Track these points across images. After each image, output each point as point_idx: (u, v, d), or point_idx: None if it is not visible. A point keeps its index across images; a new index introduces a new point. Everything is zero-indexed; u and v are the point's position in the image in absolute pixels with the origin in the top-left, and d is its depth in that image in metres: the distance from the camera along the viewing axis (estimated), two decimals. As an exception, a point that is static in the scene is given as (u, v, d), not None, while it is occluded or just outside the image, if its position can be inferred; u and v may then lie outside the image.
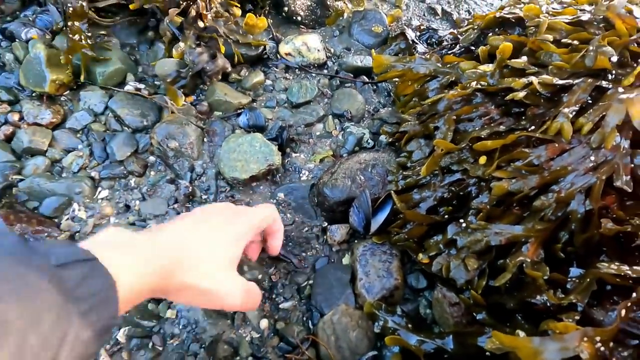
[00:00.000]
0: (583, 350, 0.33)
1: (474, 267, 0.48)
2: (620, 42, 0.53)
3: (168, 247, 0.36)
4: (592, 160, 0.47)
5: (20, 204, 0.58)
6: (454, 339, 0.46)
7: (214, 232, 0.40)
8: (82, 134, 0.67)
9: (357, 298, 0.53)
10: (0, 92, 0.69)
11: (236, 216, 0.43)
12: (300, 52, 0.78)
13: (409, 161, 0.60)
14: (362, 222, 0.55)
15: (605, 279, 0.41)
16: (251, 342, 0.51)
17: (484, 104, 0.57)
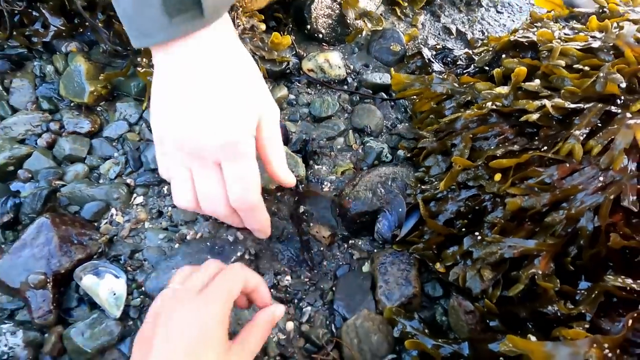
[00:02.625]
0: (593, 356, 0.36)
1: (489, 277, 0.51)
2: (629, 69, 0.56)
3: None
4: (600, 181, 0.51)
5: (62, 208, 0.63)
6: (469, 345, 0.49)
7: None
8: (118, 142, 0.71)
9: (377, 304, 0.57)
10: (42, 102, 0.74)
11: (200, 310, 0.40)
12: (322, 68, 0.82)
13: (426, 176, 0.64)
14: (392, 227, 0.59)
15: (611, 291, 0.45)
16: (278, 343, 0.54)
17: (499, 124, 0.61)
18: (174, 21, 0.43)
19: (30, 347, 0.51)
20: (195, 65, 0.47)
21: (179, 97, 0.48)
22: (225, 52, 0.49)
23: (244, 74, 0.51)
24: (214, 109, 0.47)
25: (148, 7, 0.43)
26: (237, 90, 0.49)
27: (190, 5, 0.43)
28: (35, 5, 0.76)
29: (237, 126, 0.48)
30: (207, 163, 0.50)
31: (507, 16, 1.02)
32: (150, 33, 0.45)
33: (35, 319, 0.52)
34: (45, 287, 0.53)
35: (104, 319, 0.53)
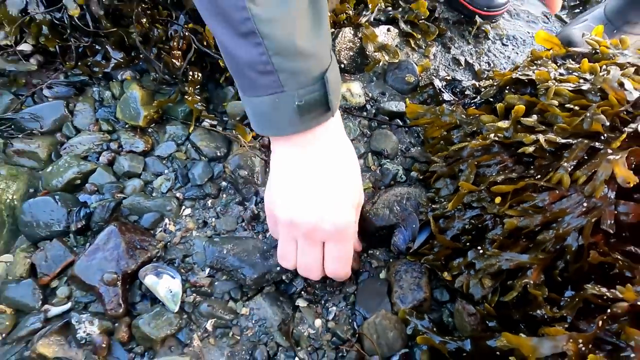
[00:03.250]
0: (569, 349, 0.46)
1: (489, 285, 0.61)
2: (611, 111, 0.66)
3: None
4: (584, 206, 0.60)
5: (124, 217, 0.73)
6: (471, 341, 0.59)
7: None
8: (168, 161, 0.82)
9: (392, 306, 0.66)
10: (102, 124, 0.85)
11: None
12: (345, 97, 0.93)
13: (437, 196, 0.74)
14: (406, 240, 0.68)
15: (590, 299, 0.54)
16: (309, 337, 0.64)
17: (500, 154, 0.71)
18: (302, 118, 0.51)
19: (104, 334, 0.62)
20: (313, 155, 0.55)
21: (296, 182, 0.55)
22: (336, 144, 0.57)
23: (351, 164, 0.59)
24: (327, 196, 0.55)
25: (284, 109, 0.51)
26: (345, 179, 0.57)
27: (319, 106, 0.52)
28: (98, 40, 0.87)
29: (346, 214, 0.56)
30: (314, 242, 0.58)
31: (512, 49, 1.12)
32: (279, 127, 0.53)
33: (107, 311, 0.63)
34: (115, 284, 0.63)
35: (165, 312, 0.63)
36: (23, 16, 0.84)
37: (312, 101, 0.51)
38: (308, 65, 0.50)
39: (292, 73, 0.49)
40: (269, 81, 0.49)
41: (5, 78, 0.87)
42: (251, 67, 0.49)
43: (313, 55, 0.50)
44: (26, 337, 0.62)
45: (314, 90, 0.51)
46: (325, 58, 0.52)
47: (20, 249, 0.70)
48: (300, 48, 0.48)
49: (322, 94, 0.51)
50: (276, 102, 0.50)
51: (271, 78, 0.49)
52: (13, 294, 0.65)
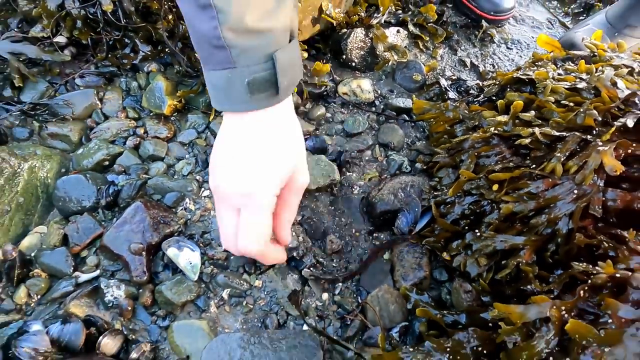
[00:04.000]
0: (552, 314, 0.51)
1: (484, 264, 0.66)
2: (603, 107, 0.71)
3: None
4: (575, 193, 0.65)
5: (148, 196, 0.79)
6: (466, 315, 0.64)
7: None
8: (189, 146, 0.88)
9: (395, 283, 0.72)
10: (129, 111, 0.92)
11: None
12: (355, 92, 0.98)
13: (439, 185, 0.79)
14: (409, 223, 0.74)
15: (576, 276, 0.59)
16: (316, 308, 0.69)
17: (499, 145, 0.76)
18: (253, 97, 0.52)
19: (130, 299, 0.68)
20: (252, 130, 0.55)
21: (227, 152, 0.56)
22: (279, 124, 0.56)
23: (287, 143, 0.57)
24: (248, 165, 0.54)
25: (235, 85, 0.51)
26: (275, 155, 0.55)
27: (269, 87, 0.52)
28: (127, 34, 0.94)
29: (262, 182, 0.54)
30: (229, 208, 0.56)
31: (516, 52, 1.17)
32: (232, 103, 0.53)
33: (133, 278, 0.68)
34: (141, 254, 0.69)
35: (185, 280, 0.69)
36: (60, 11, 0.91)
37: (261, 80, 0.51)
38: (259, 43, 0.50)
39: (242, 50, 0.50)
40: (222, 56, 0.50)
41: (41, 67, 0.94)
42: (207, 41, 0.50)
43: (265, 34, 0.50)
44: (59, 299, 0.68)
45: (264, 69, 0.51)
46: (280, 39, 0.52)
47: (53, 222, 0.76)
48: (251, 25, 0.48)
49: (272, 74, 0.52)
50: (229, 77, 0.51)
51: (224, 53, 0.50)
52: (48, 260, 0.71)
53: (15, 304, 0.67)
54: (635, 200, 0.62)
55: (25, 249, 0.72)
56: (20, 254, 0.70)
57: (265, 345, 0.61)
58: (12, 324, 0.64)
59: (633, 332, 0.46)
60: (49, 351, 0.57)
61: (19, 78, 0.90)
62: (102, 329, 0.64)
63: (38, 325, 0.61)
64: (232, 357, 0.60)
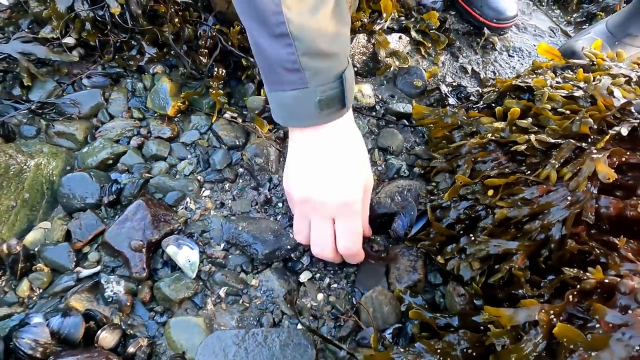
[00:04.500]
0: (541, 318, 0.51)
1: (477, 267, 0.66)
2: (599, 115, 0.71)
3: None
4: (568, 199, 0.66)
5: (150, 195, 0.81)
6: (459, 318, 0.64)
7: None
8: (191, 147, 0.90)
9: (389, 286, 0.72)
10: (134, 112, 0.94)
11: None
12: (356, 97, 1.00)
13: (435, 189, 0.80)
14: (405, 226, 0.75)
15: (567, 281, 0.59)
16: (311, 308, 0.70)
17: (495, 151, 0.77)
18: (322, 112, 0.59)
19: (129, 294, 0.69)
20: (327, 143, 0.62)
21: (310, 165, 0.62)
22: (348, 135, 0.64)
23: (358, 151, 0.66)
24: (337, 176, 0.62)
25: (306, 103, 0.58)
26: (354, 164, 0.64)
27: (336, 102, 0.59)
28: (134, 36, 0.96)
29: (353, 191, 0.62)
30: (324, 218, 0.64)
31: (517, 60, 1.18)
32: (300, 119, 0.60)
33: (133, 274, 0.70)
34: (141, 251, 0.71)
35: (183, 278, 0.70)
36: (69, 13, 0.94)
37: (330, 97, 0.58)
38: (329, 65, 0.57)
39: (315, 71, 0.56)
40: (295, 78, 0.56)
41: (50, 67, 0.96)
42: (280, 65, 0.56)
43: (334, 56, 0.57)
44: (60, 293, 0.69)
45: (333, 88, 0.58)
46: (344, 59, 0.60)
47: (57, 218, 0.78)
48: (324, 50, 0.56)
49: (340, 91, 0.59)
50: (299, 96, 0.58)
51: (297, 75, 0.56)
52: (50, 255, 0.72)
53: (18, 297, 0.69)
54: (628, 207, 0.63)
55: (29, 243, 0.74)
56: (24, 248, 0.72)
57: (259, 343, 0.63)
58: (14, 316, 0.66)
59: (619, 337, 0.46)
60: (48, 343, 0.59)
61: (28, 77, 0.92)
62: (101, 323, 0.65)
63: (39, 317, 0.63)
64: (226, 354, 0.61)
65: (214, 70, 0.93)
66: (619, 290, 0.51)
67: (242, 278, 0.73)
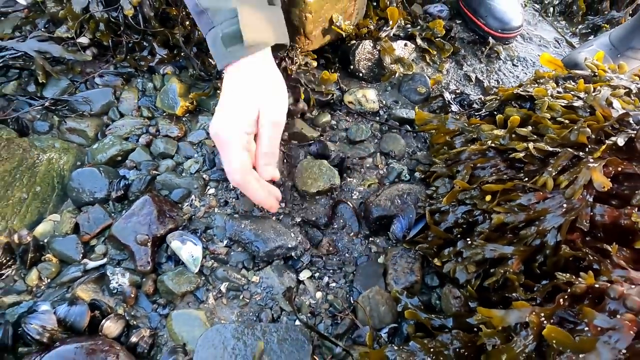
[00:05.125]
0: (531, 320, 0.53)
1: (472, 270, 0.68)
2: (597, 125, 0.73)
3: None
4: (564, 207, 0.67)
5: (156, 191, 0.83)
6: (453, 319, 0.66)
7: None
8: (198, 146, 0.92)
9: (386, 286, 0.74)
10: (143, 111, 0.96)
11: None
12: (360, 102, 1.02)
13: (435, 193, 0.82)
14: (403, 229, 0.76)
15: (560, 286, 0.61)
16: (309, 305, 0.72)
17: (494, 158, 0.78)
18: (228, 50, 0.64)
19: (133, 287, 0.71)
20: (228, 81, 0.67)
21: (219, 102, 0.68)
22: (254, 72, 0.67)
23: (255, 86, 0.67)
24: (219, 111, 0.66)
25: (217, 42, 0.65)
26: (240, 98, 0.66)
27: (237, 38, 0.63)
28: (146, 38, 0.99)
29: (221, 124, 0.65)
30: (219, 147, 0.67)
31: (521, 69, 1.20)
32: (218, 58, 0.67)
33: (138, 267, 0.72)
34: (146, 244, 0.73)
35: (186, 272, 0.72)
36: (84, 13, 0.97)
37: (230, 33, 0.63)
38: (225, 3, 0.62)
39: (215, 10, 0.63)
40: (205, 20, 0.64)
41: (64, 66, 0.99)
42: (194, 10, 0.64)
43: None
44: (67, 283, 0.72)
45: (231, 24, 0.63)
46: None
47: (66, 211, 0.81)
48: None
49: (237, 29, 0.63)
50: (213, 37, 0.65)
51: (205, 17, 0.64)
52: (59, 246, 0.75)
53: (26, 286, 0.71)
54: (622, 216, 0.64)
55: (39, 235, 0.77)
56: (34, 239, 0.74)
57: (257, 337, 0.64)
58: (22, 303, 0.68)
59: (606, 340, 0.48)
60: (55, 329, 0.61)
61: (43, 75, 0.95)
62: (106, 313, 0.67)
63: (46, 305, 0.65)
64: (225, 346, 0.63)
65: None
66: (609, 295, 0.53)
67: (243, 274, 0.75)
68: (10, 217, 0.77)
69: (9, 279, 0.72)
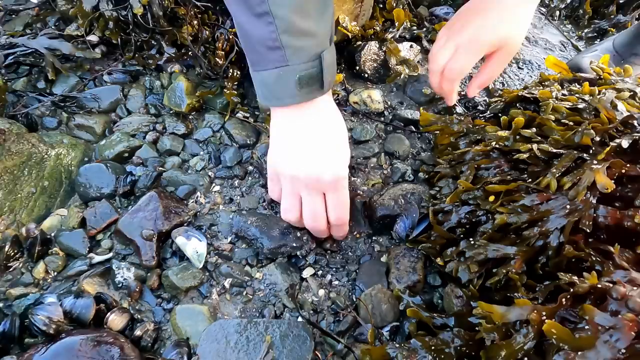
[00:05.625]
0: (532, 317, 0.53)
1: (475, 270, 0.68)
2: (601, 127, 0.73)
3: None
4: (567, 208, 0.67)
5: (162, 187, 0.84)
6: (455, 318, 0.66)
7: None
8: (204, 144, 0.93)
9: (389, 285, 0.74)
10: (150, 108, 0.97)
11: None
12: (365, 102, 1.03)
13: (438, 194, 0.82)
14: (406, 228, 0.77)
15: (562, 286, 0.61)
16: (312, 303, 0.73)
17: (498, 159, 0.79)
18: (301, 91, 0.61)
19: (138, 281, 0.72)
20: (308, 121, 0.65)
21: (296, 143, 0.66)
22: (328, 113, 0.67)
23: (340, 129, 0.69)
24: (326, 153, 0.65)
25: (287, 81, 0.61)
26: (337, 141, 0.67)
27: (315, 81, 0.62)
28: (154, 36, 1.00)
29: (342, 167, 0.67)
30: (317, 192, 0.68)
31: (527, 72, 1.20)
32: (281, 97, 0.63)
33: (143, 262, 0.73)
34: (152, 240, 0.74)
35: (190, 268, 0.73)
36: (94, 12, 0.98)
37: (309, 76, 0.61)
38: (309, 44, 0.60)
39: (295, 50, 0.59)
40: (276, 56, 0.59)
41: (73, 63, 1.01)
42: (262, 43, 0.59)
43: (314, 35, 0.59)
44: (74, 277, 0.73)
45: (313, 67, 0.60)
46: (324, 40, 0.62)
47: (74, 206, 0.82)
48: (304, 28, 0.58)
49: (319, 71, 0.61)
50: (280, 75, 0.60)
51: (278, 53, 0.59)
52: (66, 240, 0.76)
53: (33, 278, 0.73)
54: (625, 218, 0.64)
55: (46, 229, 0.78)
56: (42, 233, 0.75)
57: (260, 332, 0.65)
58: (29, 295, 0.69)
59: (606, 339, 0.48)
60: (61, 321, 0.62)
61: (53, 72, 0.97)
62: (111, 306, 0.68)
63: (53, 298, 0.66)
64: (228, 341, 0.64)
65: (229, 71, 0.97)
66: (611, 295, 0.53)
67: (246, 271, 0.75)
68: (19, 210, 0.78)
69: (17, 271, 0.73)
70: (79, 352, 0.58)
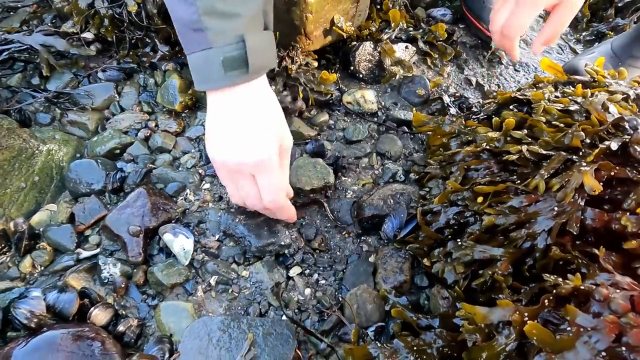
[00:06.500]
0: (514, 318, 0.53)
1: (460, 271, 0.68)
2: (592, 130, 0.72)
3: None
4: (555, 210, 0.67)
5: (152, 184, 0.84)
6: (440, 319, 0.65)
7: None
8: (195, 142, 0.93)
9: (375, 285, 0.74)
10: (143, 106, 0.98)
11: None
12: (359, 102, 1.02)
13: (428, 194, 0.82)
14: (394, 228, 0.76)
15: (546, 288, 0.60)
16: (297, 302, 0.72)
17: (488, 160, 0.78)
18: (227, 74, 0.60)
19: (124, 277, 0.72)
20: (237, 106, 0.64)
21: (224, 129, 0.64)
22: (259, 98, 0.65)
23: (271, 112, 0.67)
24: (248, 136, 0.64)
25: (213, 64, 0.60)
26: (265, 124, 0.65)
27: (241, 64, 0.61)
28: (149, 34, 1.01)
29: (266, 149, 0.64)
30: (246, 176, 0.67)
31: (523, 74, 1.19)
32: (209, 81, 0.62)
33: (129, 258, 0.73)
34: (138, 236, 0.74)
35: (176, 264, 0.73)
36: (89, 9, 0.99)
37: (233, 58, 0.60)
38: (232, 26, 0.59)
39: (218, 32, 0.58)
40: (200, 38, 0.59)
41: (68, 60, 1.01)
42: (187, 25, 0.59)
43: (235, 17, 0.59)
44: (60, 272, 0.73)
45: (235, 49, 0.59)
46: (250, 24, 0.61)
47: (63, 201, 0.82)
48: (226, 10, 0.58)
49: (242, 53, 0.60)
50: (207, 57, 0.60)
51: (202, 35, 0.58)
52: (54, 235, 0.76)
53: (20, 273, 0.73)
54: (612, 220, 0.63)
55: (35, 224, 0.78)
56: (30, 227, 0.76)
57: (243, 330, 0.65)
58: (15, 289, 0.69)
59: (586, 340, 0.47)
60: (43, 315, 0.62)
61: (47, 68, 0.97)
62: (95, 301, 0.68)
63: (38, 292, 0.66)
64: (211, 338, 0.64)
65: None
66: (594, 297, 0.52)
67: (233, 268, 0.75)
68: (8, 205, 0.78)
69: (3, 265, 0.73)
70: (60, 346, 0.58)
